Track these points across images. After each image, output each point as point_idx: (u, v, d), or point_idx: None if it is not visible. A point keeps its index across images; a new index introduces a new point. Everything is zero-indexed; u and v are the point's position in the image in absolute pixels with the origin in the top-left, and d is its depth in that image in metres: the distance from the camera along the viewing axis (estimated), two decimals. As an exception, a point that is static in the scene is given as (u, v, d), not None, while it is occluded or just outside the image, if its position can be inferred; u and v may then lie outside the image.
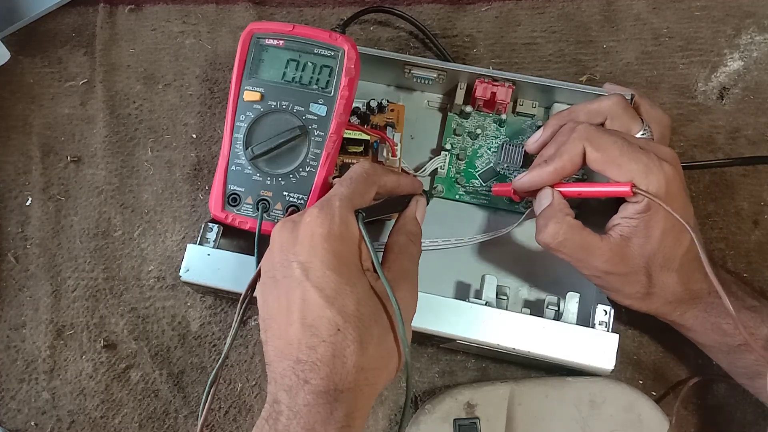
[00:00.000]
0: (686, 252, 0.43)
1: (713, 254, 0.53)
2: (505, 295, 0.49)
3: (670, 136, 0.49)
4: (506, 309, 0.46)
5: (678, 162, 0.43)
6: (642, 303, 0.45)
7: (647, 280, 0.43)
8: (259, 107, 0.47)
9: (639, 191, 0.40)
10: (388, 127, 0.52)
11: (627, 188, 0.41)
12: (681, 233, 0.42)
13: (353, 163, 0.50)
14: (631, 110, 0.46)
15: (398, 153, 0.51)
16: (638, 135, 0.45)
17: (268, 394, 0.37)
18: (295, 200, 0.47)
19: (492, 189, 0.50)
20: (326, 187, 0.47)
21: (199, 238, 0.48)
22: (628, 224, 0.42)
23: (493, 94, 0.51)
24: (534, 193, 0.46)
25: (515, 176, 0.53)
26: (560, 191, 0.44)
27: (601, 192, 0.43)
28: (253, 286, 0.42)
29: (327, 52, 0.47)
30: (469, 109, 0.54)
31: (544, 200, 0.44)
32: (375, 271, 0.38)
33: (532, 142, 0.49)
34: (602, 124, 0.46)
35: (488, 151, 0.54)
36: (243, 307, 0.42)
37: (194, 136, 0.57)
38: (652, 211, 0.41)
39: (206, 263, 0.47)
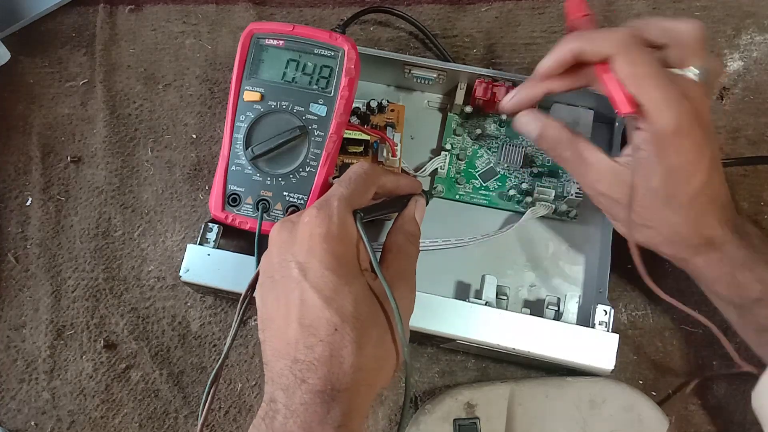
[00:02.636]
0: (697, 194, 0.41)
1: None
2: (505, 295, 0.49)
3: (717, 82, 0.45)
4: (506, 309, 0.46)
5: (703, 105, 0.41)
6: (640, 235, 0.43)
7: (644, 212, 0.42)
8: (259, 107, 0.47)
9: (627, 113, 0.39)
10: (388, 127, 0.52)
11: (626, 107, 0.39)
12: (693, 173, 0.40)
13: (353, 164, 0.50)
14: (702, 44, 0.42)
15: (398, 153, 0.51)
16: (693, 70, 0.42)
17: (265, 393, 0.37)
18: (295, 200, 0.47)
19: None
20: (326, 187, 0.47)
21: (199, 238, 0.48)
22: (637, 153, 0.41)
23: (493, 94, 0.51)
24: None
25: (515, 176, 0.53)
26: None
27: (611, 87, 0.40)
28: (253, 286, 0.42)
29: (327, 53, 0.47)
30: (469, 109, 0.54)
31: (531, 126, 0.45)
32: (373, 271, 0.38)
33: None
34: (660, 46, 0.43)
35: (488, 151, 0.54)
36: (243, 307, 0.42)
37: (194, 136, 0.57)
38: (663, 145, 0.39)
39: (206, 263, 0.47)
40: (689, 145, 0.40)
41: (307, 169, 0.47)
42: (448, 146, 0.54)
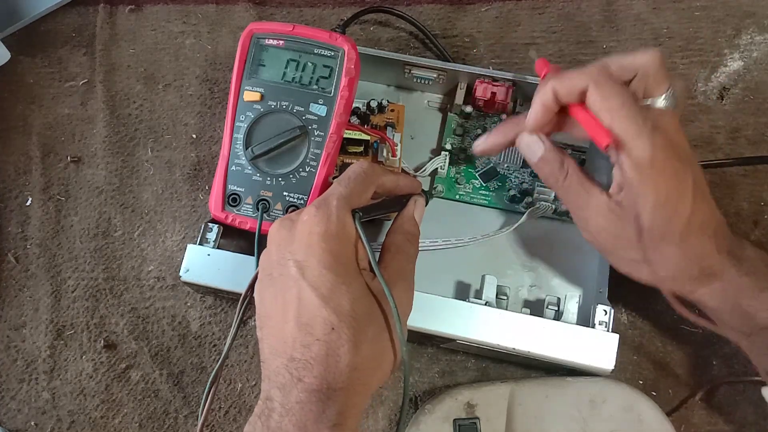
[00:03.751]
0: (688, 223, 0.40)
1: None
2: (505, 295, 0.49)
3: (686, 101, 0.45)
4: (506, 309, 0.46)
5: (676, 133, 0.41)
6: (641, 273, 0.42)
7: (642, 248, 0.41)
8: (259, 107, 0.47)
9: (611, 150, 0.40)
10: (388, 127, 0.52)
11: (605, 139, 0.39)
12: (679, 203, 0.40)
13: (353, 163, 0.50)
14: (663, 72, 0.42)
15: (398, 153, 0.51)
16: (660, 99, 0.42)
17: (262, 391, 0.37)
18: (295, 200, 0.47)
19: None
20: (326, 187, 0.47)
21: (199, 238, 0.48)
22: (625, 190, 0.41)
23: (493, 94, 0.51)
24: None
25: (515, 176, 0.53)
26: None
27: (587, 124, 0.41)
28: (253, 286, 0.42)
29: (327, 52, 0.47)
30: (469, 109, 0.54)
31: (535, 147, 0.43)
32: (372, 270, 0.38)
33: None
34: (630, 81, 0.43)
35: (488, 151, 0.54)
36: (243, 307, 0.42)
37: (194, 136, 0.57)
38: (642, 178, 0.39)
39: (206, 263, 0.47)
40: (669, 175, 0.39)
41: (307, 169, 0.47)
42: (448, 146, 0.54)
